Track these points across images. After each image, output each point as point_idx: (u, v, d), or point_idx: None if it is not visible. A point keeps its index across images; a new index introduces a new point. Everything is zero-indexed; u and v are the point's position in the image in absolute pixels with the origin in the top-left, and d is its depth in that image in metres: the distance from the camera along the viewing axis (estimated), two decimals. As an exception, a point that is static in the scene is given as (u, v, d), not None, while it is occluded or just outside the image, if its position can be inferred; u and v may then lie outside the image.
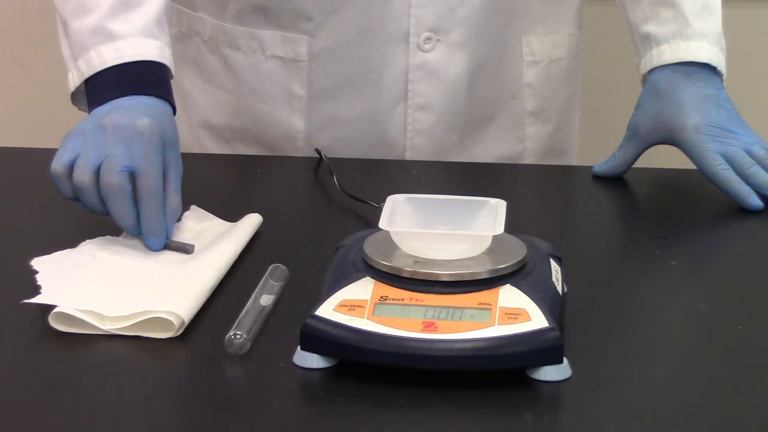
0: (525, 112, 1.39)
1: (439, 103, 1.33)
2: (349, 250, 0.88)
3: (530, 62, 1.37)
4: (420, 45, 1.30)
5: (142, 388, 0.81)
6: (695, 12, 1.24)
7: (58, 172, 1.03)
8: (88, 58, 1.14)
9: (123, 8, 1.14)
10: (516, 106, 1.38)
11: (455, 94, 1.33)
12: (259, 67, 1.34)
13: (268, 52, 1.33)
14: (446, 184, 1.27)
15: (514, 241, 0.87)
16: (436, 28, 1.30)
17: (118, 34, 1.13)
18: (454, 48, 1.31)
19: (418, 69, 1.31)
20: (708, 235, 1.15)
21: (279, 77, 1.33)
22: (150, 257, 0.97)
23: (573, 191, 1.29)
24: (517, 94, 1.38)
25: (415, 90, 1.32)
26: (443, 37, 1.31)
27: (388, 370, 0.79)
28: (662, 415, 0.77)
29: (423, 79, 1.32)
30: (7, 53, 2.19)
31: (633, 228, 1.16)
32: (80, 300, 0.87)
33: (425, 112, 1.33)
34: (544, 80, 1.38)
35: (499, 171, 1.33)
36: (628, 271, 1.02)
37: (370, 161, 1.33)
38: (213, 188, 1.13)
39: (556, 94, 1.40)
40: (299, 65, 1.32)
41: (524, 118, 1.39)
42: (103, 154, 1.01)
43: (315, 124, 1.34)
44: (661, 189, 1.26)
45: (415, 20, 1.29)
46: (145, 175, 1.00)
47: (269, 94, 1.34)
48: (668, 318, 0.92)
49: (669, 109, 1.22)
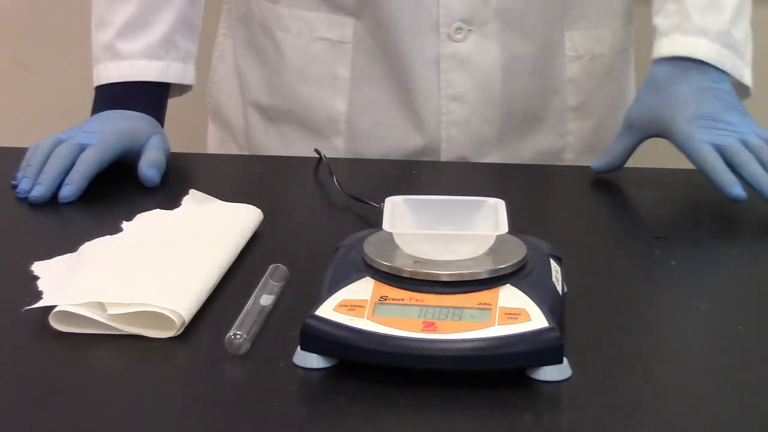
0: (567, 107, 1.38)
1: (472, 95, 1.33)
2: (349, 250, 0.88)
3: (572, 57, 1.36)
4: (450, 35, 1.30)
5: (142, 388, 0.81)
6: (699, 7, 1.23)
7: (30, 147, 1.20)
8: (98, 70, 1.29)
9: (131, 29, 1.29)
10: (558, 101, 1.38)
11: (489, 85, 1.33)
12: (306, 49, 1.36)
13: (315, 34, 1.35)
14: (446, 184, 1.27)
15: (514, 241, 0.87)
16: (468, 19, 1.30)
17: (123, 54, 1.28)
18: (487, 39, 1.31)
19: (450, 59, 1.31)
20: (708, 235, 1.15)
21: (324, 59, 1.35)
22: (151, 252, 0.97)
23: (573, 191, 1.29)
24: (559, 89, 1.37)
25: (448, 80, 1.32)
26: (476, 28, 1.31)
27: (388, 370, 0.79)
28: (662, 415, 0.77)
29: (455, 69, 1.32)
30: (7, 53, 2.19)
31: (633, 228, 1.16)
32: (80, 293, 0.87)
33: (459, 103, 1.33)
34: (586, 75, 1.38)
35: (498, 171, 1.33)
36: (628, 271, 1.02)
37: (371, 161, 1.34)
38: (213, 188, 1.13)
39: (598, 89, 1.39)
40: (344, 47, 1.34)
41: (566, 113, 1.38)
42: (73, 135, 1.20)
43: (357, 107, 1.35)
44: (661, 189, 1.25)
45: (444, 10, 1.30)
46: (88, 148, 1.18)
47: (314, 76, 1.36)
48: (668, 318, 0.92)
49: (663, 102, 1.21)
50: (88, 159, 1.17)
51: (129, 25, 1.28)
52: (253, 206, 1.09)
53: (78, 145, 1.18)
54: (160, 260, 0.95)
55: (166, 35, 1.29)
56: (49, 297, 0.89)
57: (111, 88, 1.28)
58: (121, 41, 1.28)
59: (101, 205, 1.15)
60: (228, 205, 1.10)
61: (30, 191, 1.14)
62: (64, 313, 0.86)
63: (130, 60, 1.28)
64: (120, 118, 1.25)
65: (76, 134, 1.20)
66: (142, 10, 1.28)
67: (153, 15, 1.29)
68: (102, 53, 1.29)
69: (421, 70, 1.32)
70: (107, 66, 1.28)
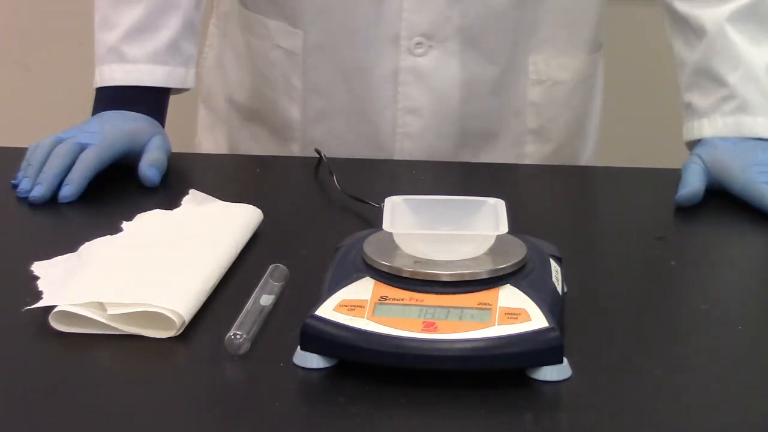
0: (526, 129, 1.38)
1: (429, 109, 1.33)
2: (349, 250, 0.88)
3: (535, 81, 1.37)
4: (411, 49, 1.31)
5: (142, 388, 0.81)
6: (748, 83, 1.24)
7: (30, 147, 1.20)
8: (101, 71, 1.28)
9: (138, 33, 1.27)
10: (518, 123, 1.38)
11: (447, 102, 1.33)
12: (267, 54, 1.37)
13: (274, 41, 1.36)
14: (446, 184, 1.27)
15: (514, 241, 0.87)
16: (428, 34, 1.31)
17: (129, 57, 1.27)
18: (448, 56, 1.31)
19: (409, 72, 1.32)
20: (708, 235, 1.15)
21: (281, 67, 1.36)
22: (152, 252, 0.97)
23: (573, 191, 1.29)
24: (520, 111, 1.37)
25: (405, 93, 1.33)
26: (437, 44, 1.31)
27: (388, 370, 0.79)
28: (662, 415, 0.77)
29: (413, 82, 1.32)
30: (7, 53, 2.19)
31: (633, 228, 1.16)
32: (80, 293, 0.87)
33: (414, 116, 1.34)
34: (547, 100, 1.38)
35: (498, 171, 1.33)
36: (628, 271, 1.02)
37: (370, 161, 1.33)
38: (213, 188, 1.13)
39: (558, 115, 1.40)
40: (296, 58, 1.35)
41: (525, 136, 1.39)
42: (73, 135, 1.20)
43: (309, 117, 1.36)
44: (661, 189, 1.25)
45: (406, 24, 1.30)
46: (88, 148, 1.18)
47: (274, 82, 1.38)
48: (668, 318, 0.92)
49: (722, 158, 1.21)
50: (87, 159, 1.17)
51: (136, 28, 1.27)
52: (253, 206, 1.09)
53: (78, 145, 1.18)
54: (160, 260, 0.95)
55: (172, 40, 1.28)
56: (49, 297, 0.89)
57: (113, 89, 1.28)
58: (128, 44, 1.27)
59: (101, 205, 1.15)
60: (228, 205, 1.10)
61: (30, 191, 1.14)
62: (64, 313, 0.86)
63: (137, 64, 1.27)
64: (121, 118, 1.25)
65: (76, 134, 1.20)
66: (149, 13, 1.27)
67: (160, 19, 1.28)
68: (106, 54, 1.28)
69: (379, 81, 1.33)
70: (112, 68, 1.27)
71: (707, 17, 1.25)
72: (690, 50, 1.27)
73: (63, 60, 2.07)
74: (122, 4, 1.28)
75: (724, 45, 1.24)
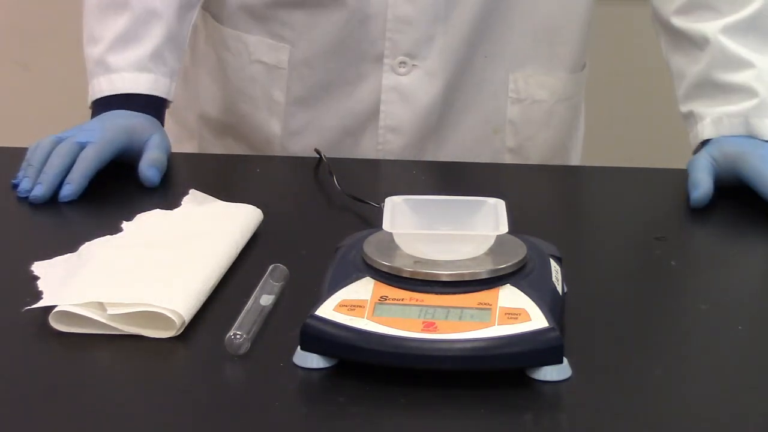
0: (504, 148, 1.39)
1: (409, 127, 1.35)
2: (349, 250, 0.88)
3: (514, 99, 1.37)
4: (394, 68, 1.32)
5: (142, 388, 0.81)
6: None
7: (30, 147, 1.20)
8: (92, 85, 1.28)
9: (122, 43, 1.28)
10: (497, 141, 1.39)
11: (428, 119, 1.35)
12: (244, 69, 1.38)
13: (253, 57, 1.37)
14: (446, 184, 1.27)
15: (514, 241, 0.87)
16: (412, 54, 1.32)
17: (113, 68, 1.27)
18: (430, 74, 1.33)
19: (391, 91, 1.33)
20: (708, 235, 1.15)
21: (261, 81, 1.37)
22: (152, 252, 0.97)
23: (573, 191, 1.29)
24: (499, 129, 1.38)
25: (387, 111, 1.34)
26: (420, 63, 1.32)
27: (388, 370, 0.79)
28: (662, 415, 0.77)
29: (395, 101, 1.34)
30: (7, 53, 2.19)
31: (633, 228, 1.16)
32: (80, 293, 0.87)
33: (395, 134, 1.35)
34: (526, 119, 1.38)
35: (499, 171, 1.33)
36: (628, 271, 1.02)
37: (371, 161, 1.34)
38: (213, 188, 1.13)
39: (536, 134, 1.40)
40: (280, 72, 1.36)
41: (503, 154, 1.39)
42: (72, 134, 1.20)
43: (290, 131, 1.38)
44: (661, 189, 1.25)
45: (390, 43, 1.32)
46: (88, 146, 1.17)
47: (252, 97, 1.38)
48: (668, 318, 0.92)
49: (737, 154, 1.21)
50: (87, 157, 1.17)
51: (119, 39, 1.27)
52: (253, 206, 1.09)
53: (78, 144, 1.18)
54: (160, 260, 0.95)
55: (156, 49, 1.28)
56: (49, 297, 0.89)
57: (107, 99, 1.27)
58: (112, 55, 1.27)
59: (101, 205, 1.15)
60: (228, 205, 1.10)
61: (30, 191, 1.14)
62: (64, 313, 0.86)
63: (120, 73, 1.27)
64: (121, 116, 1.25)
65: (76, 133, 1.20)
66: (132, 24, 1.28)
67: (143, 29, 1.28)
68: (94, 68, 1.28)
69: (361, 99, 1.34)
70: (99, 80, 1.27)
71: (708, 29, 1.25)
72: (691, 62, 1.27)
73: (63, 60, 2.07)
74: (106, 18, 1.28)
75: (728, 53, 1.24)
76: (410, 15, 1.30)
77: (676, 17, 1.29)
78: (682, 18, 1.28)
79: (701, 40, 1.26)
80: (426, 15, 1.30)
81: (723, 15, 1.25)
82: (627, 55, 1.63)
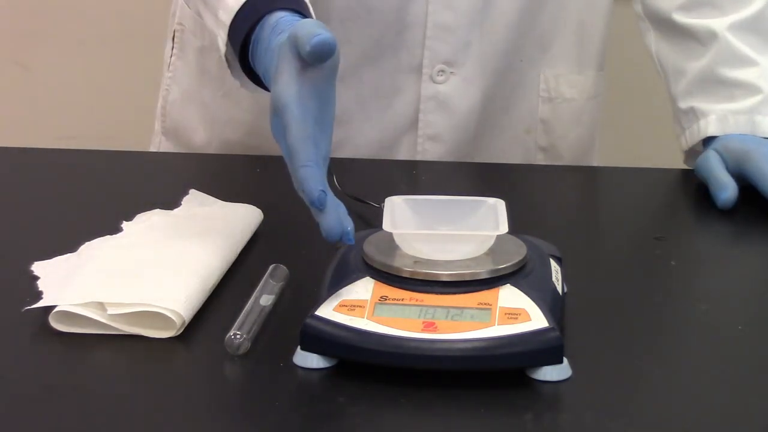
0: (536, 147, 1.39)
1: (449, 135, 1.33)
2: (349, 250, 0.88)
3: (545, 98, 1.37)
4: (433, 77, 1.31)
5: (142, 388, 0.81)
6: None
7: None
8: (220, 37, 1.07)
9: None
10: (529, 141, 1.38)
11: (467, 126, 1.33)
12: None
13: None
14: (446, 184, 1.27)
15: (514, 241, 0.87)
16: (450, 61, 1.30)
17: None
18: (467, 81, 1.31)
19: (430, 100, 1.32)
20: (708, 235, 1.15)
21: None
22: (151, 252, 0.97)
23: (573, 191, 1.29)
24: (531, 129, 1.38)
25: (426, 120, 1.32)
26: (457, 70, 1.31)
27: (388, 370, 0.79)
28: (662, 415, 0.77)
29: (435, 110, 1.32)
30: (7, 53, 2.19)
31: (633, 228, 1.16)
32: (80, 293, 0.87)
33: (435, 142, 1.34)
34: (557, 118, 1.38)
35: (499, 171, 1.33)
36: (628, 271, 1.02)
37: (371, 161, 1.33)
38: (213, 188, 1.13)
39: (568, 132, 1.40)
40: None
41: (535, 154, 1.39)
42: None
43: None
44: (661, 189, 1.26)
45: (429, 52, 1.30)
46: None
47: None
48: (668, 318, 0.92)
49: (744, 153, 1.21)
50: None
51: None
52: (253, 206, 1.09)
53: None
54: (160, 260, 0.95)
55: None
56: (49, 297, 0.89)
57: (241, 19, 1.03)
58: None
59: (101, 205, 1.15)
60: (228, 205, 1.10)
61: None
62: (64, 313, 0.86)
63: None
64: None
65: None
66: None
67: None
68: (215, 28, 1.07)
69: (400, 110, 1.32)
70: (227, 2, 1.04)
71: (716, 25, 1.25)
72: (691, 58, 1.27)
73: (63, 60, 2.07)
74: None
75: (734, 49, 1.24)
76: (450, 22, 1.29)
77: (679, 13, 1.29)
78: (684, 14, 1.28)
79: (707, 36, 1.26)
80: (465, 21, 1.29)
81: (726, 13, 1.26)
82: (626, 56, 1.63)
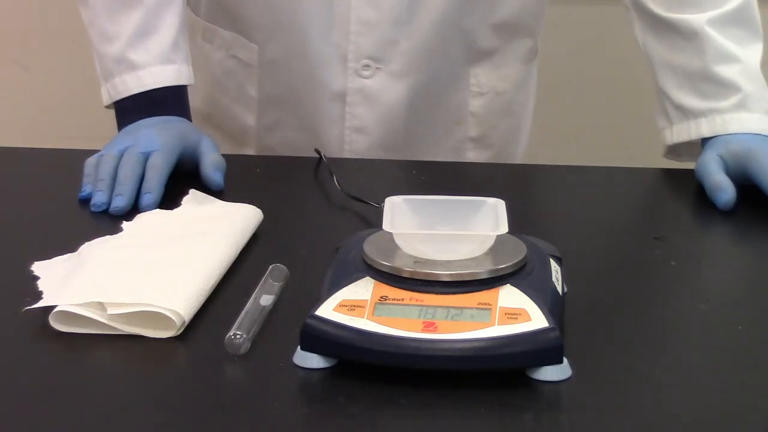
0: (467, 138, 1.41)
1: (375, 127, 1.36)
2: (349, 250, 0.88)
3: (476, 93, 1.39)
4: (358, 71, 1.34)
5: (142, 388, 0.81)
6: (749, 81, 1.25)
7: (89, 162, 1.16)
8: (114, 84, 1.26)
9: (141, 38, 1.26)
10: (458, 132, 1.40)
11: (393, 119, 1.36)
12: (223, 62, 1.40)
13: (230, 51, 1.39)
14: (446, 184, 1.27)
15: (514, 241, 0.87)
16: (376, 57, 1.33)
17: (139, 64, 1.25)
18: (394, 77, 1.34)
19: (356, 93, 1.35)
20: (708, 235, 1.15)
21: (237, 75, 1.40)
22: (152, 252, 0.97)
23: (573, 191, 1.29)
24: (461, 121, 1.40)
25: (353, 113, 1.36)
26: (383, 66, 1.34)
27: (388, 370, 0.79)
28: (662, 415, 0.77)
29: (361, 103, 1.35)
30: (7, 53, 2.19)
31: (633, 228, 1.16)
32: (80, 293, 0.87)
33: (361, 134, 1.37)
34: (488, 110, 1.40)
35: (498, 171, 1.33)
36: (628, 271, 1.02)
37: (371, 161, 1.34)
38: (213, 188, 1.14)
39: (498, 123, 1.42)
40: (252, 69, 1.38)
41: (466, 143, 1.41)
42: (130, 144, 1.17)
43: (264, 125, 1.40)
44: (661, 189, 1.26)
45: (354, 47, 1.33)
46: (154, 155, 1.16)
47: (230, 89, 1.41)
48: (668, 318, 0.92)
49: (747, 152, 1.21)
50: (158, 165, 1.15)
51: (137, 34, 1.25)
52: (253, 206, 1.09)
53: (142, 154, 1.16)
54: (160, 260, 0.95)
55: (173, 39, 1.27)
56: (49, 297, 0.89)
57: (133, 99, 1.25)
58: (133, 51, 1.25)
59: (101, 205, 1.15)
60: (228, 205, 1.10)
61: (108, 203, 1.12)
62: (64, 313, 0.86)
63: (147, 68, 1.25)
64: (161, 123, 1.23)
65: (132, 143, 1.18)
66: (146, 17, 1.26)
67: (158, 20, 1.27)
68: (115, 67, 1.26)
69: (327, 101, 1.36)
70: (124, 78, 1.25)
71: (695, 21, 1.25)
72: (677, 52, 1.27)
73: (63, 60, 2.07)
74: (118, 15, 1.26)
75: (715, 46, 1.24)
76: (373, 18, 1.32)
77: (659, 8, 1.29)
78: (665, 9, 1.28)
79: (688, 31, 1.26)
80: (388, 19, 1.32)
81: (704, 9, 1.25)
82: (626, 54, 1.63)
